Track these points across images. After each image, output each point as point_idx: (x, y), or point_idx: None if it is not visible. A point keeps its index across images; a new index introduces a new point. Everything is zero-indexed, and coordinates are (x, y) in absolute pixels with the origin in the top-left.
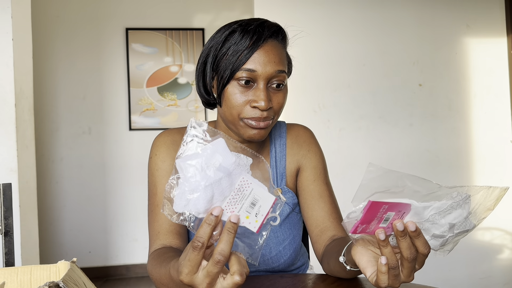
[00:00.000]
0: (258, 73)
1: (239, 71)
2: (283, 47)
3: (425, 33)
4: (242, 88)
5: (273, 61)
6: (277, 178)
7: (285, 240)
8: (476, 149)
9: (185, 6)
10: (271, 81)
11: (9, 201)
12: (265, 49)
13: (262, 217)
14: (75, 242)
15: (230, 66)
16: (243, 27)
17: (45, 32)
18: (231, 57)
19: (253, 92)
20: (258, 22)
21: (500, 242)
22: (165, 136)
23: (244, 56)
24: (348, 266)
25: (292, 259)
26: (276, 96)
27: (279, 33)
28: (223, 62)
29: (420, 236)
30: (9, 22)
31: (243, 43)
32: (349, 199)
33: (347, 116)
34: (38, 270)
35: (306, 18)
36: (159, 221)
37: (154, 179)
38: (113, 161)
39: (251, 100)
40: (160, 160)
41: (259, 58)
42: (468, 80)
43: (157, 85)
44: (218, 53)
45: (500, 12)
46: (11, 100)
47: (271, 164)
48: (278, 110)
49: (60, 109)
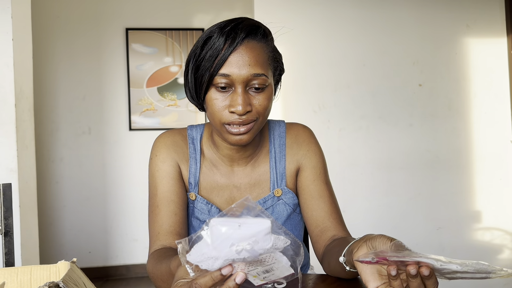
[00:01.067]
0: (233, 77)
1: (216, 76)
2: (264, 46)
3: (425, 33)
4: (221, 93)
5: (248, 64)
6: (277, 178)
7: None
8: (476, 149)
9: (185, 6)
10: (250, 84)
11: (9, 201)
12: (240, 52)
13: (269, 279)
14: (75, 242)
15: (208, 72)
16: (220, 28)
17: (45, 32)
18: (208, 62)
19: (230, 97)
20: (234, 23)
21: (500, 242)
22: (166, 137)
23: (219, 61)
24: (347, 267)
25: None
26: (257, 99)
27: (258, 32)
28: (201, 67)
29: (432, 277)
30: (9, 22)
31: (218, 46)
32: (349, 199)
33: (347, 116)
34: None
35: (306, 18)
36: (159, 221)
37: (154, 180)
38: (113, 161)
39: (229, 105)
40: (160, 161)
41: (234, 62)
42: (468, 80)
43: (157, 85)
44: (198, 58)
45: (500, 12)
46: (11, 100)
47: (270, 165)
48: (263, 112)
49: (60, 109)
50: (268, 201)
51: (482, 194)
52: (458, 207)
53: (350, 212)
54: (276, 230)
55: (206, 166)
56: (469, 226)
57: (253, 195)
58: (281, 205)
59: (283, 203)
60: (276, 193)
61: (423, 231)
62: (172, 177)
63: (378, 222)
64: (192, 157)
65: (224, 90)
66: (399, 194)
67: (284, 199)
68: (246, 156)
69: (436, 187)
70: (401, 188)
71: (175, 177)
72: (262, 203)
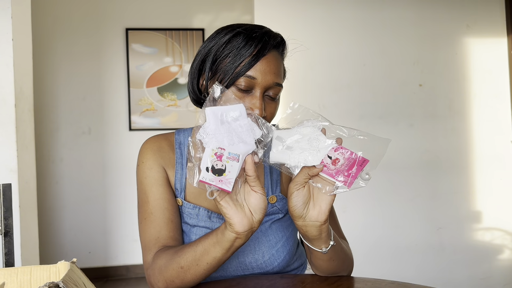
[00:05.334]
0: (257, 81)
1: (242, 77)
2: (282, 59)
3: (425, 33)
4: (239, 93)
5: (273, 72)
6: (272, 185)
7: (278, 243)
8: (476, 149)
9: (185, 6)
10: (268, 91)
11: (9, 201)
12: (267, 59)
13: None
14: (75, 242)
15: (232, 70)
16: (248, 32)
17: (45, 32)
18: (234, 61)
19: (249, 99)
20: (263, 31)
21: (500, 243)
22: (152, 142)
23: (247, 63)
24: (306, 242)
25: (286, 261)
26: (269, 106)
27: (281, 45)
28: (224, 64)
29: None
30: (9, 22)
31: (247, 49)
32: (349, 199)
33: (347, 116)
34: (38, 270)
35: (306, 18)
36: (156, 227)
37: (143, 187)
38: (113, 162)
39: (246, 106)
40: (147, 168)
41: (261, 67)
42: (468, 80)
43: (157, 85)
44: (220, 54)
45: (500, 12)
46: (11, 100)
47: (265, 171)
48: (270, 120)
49: (60, 109)
50: None
51: (482, 194)
52: (458, 207)
53: (350, 212)
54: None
55: None
56: (469, 226)
57: None
58: (275, 211)
59: (276, 209)
60: (270, 200)
61: (423, 231)
62: (161, 183)
63: (378, 222)
64: (178, 162)
65: (242, 91)
66: (399, 194)
67: (278, 206)
68: None
69: (436, 187)
70: (401, 188)
71: (163, 183)
72: None
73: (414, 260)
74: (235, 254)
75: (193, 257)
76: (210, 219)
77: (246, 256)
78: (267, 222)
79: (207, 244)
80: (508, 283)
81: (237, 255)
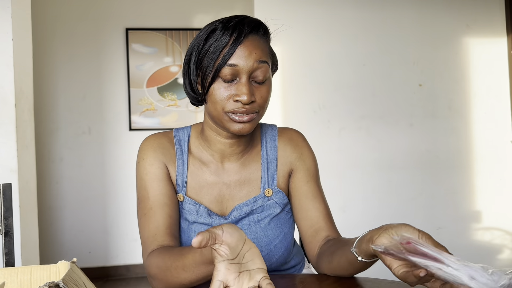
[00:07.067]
0: (239, 67)
1: (223, 67)
2: (265, 41)
3: (425, 33)
4: (226, 84)
5: (253, 53)
6: (268, 179)
7: (276, 239)
8: (476, 149)
9: (185, 6)
10: (254, 75)
11: (9, 201)
12: (245, 44)
13: None
14: (75, 242)
15: (212, 63)
16: (224, 24)
17: (45, 32)
18: (213, 54)
19: (236, 87)
20: (238, 19)
21: (500, 242)
22: (152, 140)
23: (226, 53)
24: (359, 257)
25: (284, 257)
26: (259, 91)
27: (260, 28)
28: (206, 59)
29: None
30: (9, 22)
31: (224, 39)
32: (349, 199)
33: (347, 116)
34: (38, 270)
35: (306, 18)
36: (154, 223)
37: (144, 183)
38: (113, 161)
39: (234, 94)
40: (148, 164)
41: (240, 53)
42: (468, 80)
43: (157, 85)
44: (201, 51)
45: (500, 12)
46: (11, 100)
47: (262, 165)
48: (263, 104)
49: (60, 109)
50: (258, 201)
51: (482, 194)
52: (458, 207)
53: (350, 212)
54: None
55: (194, 165)
56: (469, 226)
57: (242, 193)
58: (272, 205)
59: (273, 203)
60: (266, 193)
61: None
62: (162, 179)
63: (378, 222)
64: (179, 158)
65: (229, 82)
66: (399, 194)
67: (275, 199)
68: (238, 152)
69: (436, 187)
70: (401, 188)
71: (164, 179)
72: (253, 202)
73: None
74: None
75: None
76: (210, 216)
77: None
78: (266, 218)
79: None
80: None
81: None
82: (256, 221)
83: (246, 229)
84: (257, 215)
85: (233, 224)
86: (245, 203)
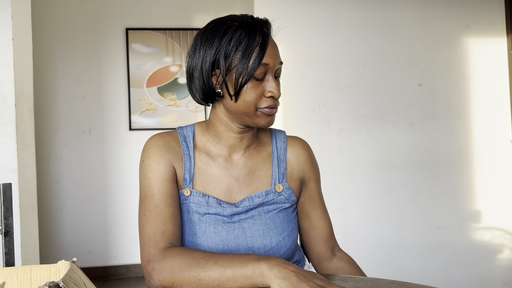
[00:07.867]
0: (270, 66)
1: (257, 68)
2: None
3: (425, 33)
4: (258, 82)
5: (277, 54)
6: (279, 176)
7: (284, 231)
8: (476, 149)
9: (185, 6)
10: (275, 72)
11: (9, 201)
12: (271, 43)
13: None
14: (75, 242)
15: (247, 64)
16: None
17: (45, 32)
18: (245, 55)
19: (265, 84)
20: (256, 19)
21: (500, 242)
22: (157, 139)
23: (258, 53)
24: None
25: (292, 251)
26: (278, 86)
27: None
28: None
29: None
30: (9, 22)
31: (255, 40)
32: (349, 199)
33: (347, 116)
34: (38, 270)
35: (306, 18)
36: (162, 220)
37: (148, 181)
38: (113, 161)
39: (265, 91)
40: (154, 162)
41: (269, 52)
42: (468, 80)
43: (157, 85)
44: (229, 53)
45: (500, 12)
46: (11, 100)
47: (273, 163)
48: (279, 97)
49: (60, 109)
50: (269, 195)
51: (482, 194)
52: (458, 207)
53: (350, 212)
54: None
55: (201, 160)
56: (469, 226)
57: (252, 187)
58: (282, 200)
59: (283, 198)
60: (277, 189)
61: (423, 231)
62: (167, 178)
63: (378, 222)
64: (185, 154)
65: (259, 80)
66: (399, 194)
67: (285, 195)
68: (246, 145)
69: (436, 187)
70: (401, 188)
71: (169, 179)
72: (265, 195)
73: (414, 259)
74: (244, 240)
75: (217, 277)
76: (220, 205)
77: (255, 241)
78: (275, 210)
79: (238, 274)
80: (507, 283)
81: (246, 240)
82: (266, 212)
83: (257, 219)
84: (267, 207)
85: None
86: (257, 195)
